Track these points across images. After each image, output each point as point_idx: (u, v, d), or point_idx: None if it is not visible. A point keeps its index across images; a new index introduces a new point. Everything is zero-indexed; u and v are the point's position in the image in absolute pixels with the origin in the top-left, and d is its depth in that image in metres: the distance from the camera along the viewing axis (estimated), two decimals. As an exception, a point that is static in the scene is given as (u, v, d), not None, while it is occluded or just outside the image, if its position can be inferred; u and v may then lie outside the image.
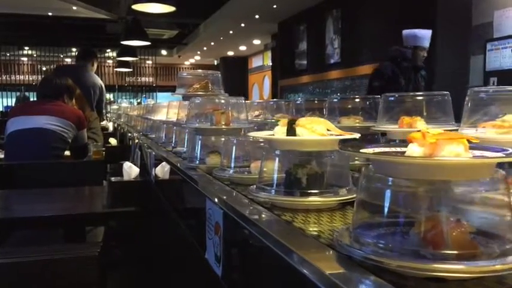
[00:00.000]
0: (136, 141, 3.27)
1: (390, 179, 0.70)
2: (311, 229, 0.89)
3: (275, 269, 1.01)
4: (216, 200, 1.23)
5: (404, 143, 0.75)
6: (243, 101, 1.89)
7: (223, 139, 1.63)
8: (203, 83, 2.38)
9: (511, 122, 0.97)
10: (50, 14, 11.79)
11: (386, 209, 0.70)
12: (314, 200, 1.03)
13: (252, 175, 1.34)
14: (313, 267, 0.70)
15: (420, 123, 1.29)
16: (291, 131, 1.07)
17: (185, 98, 2.39)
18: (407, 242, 0.67)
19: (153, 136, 3.23)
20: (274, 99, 3.79)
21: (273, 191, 1.08)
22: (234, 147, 1.46)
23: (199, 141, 1.75)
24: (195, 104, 1.91)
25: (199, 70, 2.87)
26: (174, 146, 2.37)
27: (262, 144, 1.39)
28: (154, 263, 2.59)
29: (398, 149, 0.78)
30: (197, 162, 1.71)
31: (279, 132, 1.12)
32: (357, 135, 1.12)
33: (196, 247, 1.51)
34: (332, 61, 8.62)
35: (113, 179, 2.53)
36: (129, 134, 4.49)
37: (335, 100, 1.76)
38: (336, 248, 0.75)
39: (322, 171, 1.07)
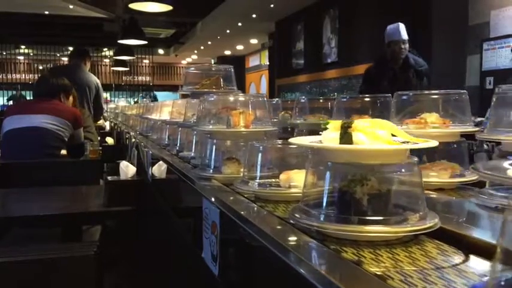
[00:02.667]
0: (133, 140, 3.26)
1: None
2: (394, 277, 0.63)
3: (272, 268, 1.01)
4: (212, 199, 1.23)
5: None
6: (265, 99, 1.63)
7: (242, 144, 1.43)
8: (214, 78, 2.09)
9: (427, 119, 1.23)
10: (46, 12, 11.76)
11: None
12: (381, 230, 0.78)
13: (284, 190, 1.11)
14: None
15: None
16: (345, 137, 0.84)
17: (193, 95, 2.12)
18: None
19: (155, 137, 2.95)
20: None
21: (322, 215, 0.82)
22: (259, 155, 1.20)
23: (214, 147, 1.49)
24: (208, 103, 1.63)
25: (208, 64, 2.66)
26: (179, 149, 2.14)
27: (295, 152, 1.19)
28: (151, 262, 2.59)
29: None
30: (211, 171, 1.45)
31: (329, 138, 0.87)
32: (435, 143, 0.89)
33: (192, 246, 1.51)
34: (329, 60, 8.63)
35: (109, 178, 2.53)
36: (126, 134, 4.48)
37: (303, 101, 2.07)
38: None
39: (388, 190, 0.83)
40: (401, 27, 4.22)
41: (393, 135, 0.87)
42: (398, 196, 0.85)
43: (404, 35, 4.18)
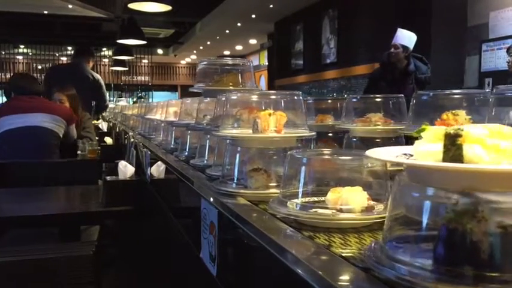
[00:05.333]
0: (132, 140, 3.26)
1: None
2: None
3: (269, 268, 1.01)
4: (211, 199, 1.23)
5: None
6: (301, 98, 1.37)
7: (272, 152, 1.25)
8: (231, 74, 1.79)
9: (372, 118, 1.51)
10: (45, 12, 11.75)
11: None
12: None
13: (335, 215, 0.87)
14: None
15: (330, 120, 1.77)
16: (453, 150, 0.59)
17: (206, 94, 1.86)
18: None
19: (159, 140, 2.71)
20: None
21: (418, 264, 0.59)
22: (302, 169, 0.95)
23: (238, 155, 1.25)
24: (230, 102, 1.36)
25: (224, 58, 2.18)
26: (188, 155, 1.91)
27: (347, 164, 0.97)
28: (149, 262, 2.59)
29: None
30: (234, 185, 1.22)
31: (426, 152, 0.61)
32: None
33: (191, 246, 1.51)
34: (328, 61, 8.64)
35: (108, 178, 2.52)
36: (125, 134, 4.47)
37: None
38: None
39: None
40: (399, 31, 4.32)
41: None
42: None
43: (399, 40, 4.27)
